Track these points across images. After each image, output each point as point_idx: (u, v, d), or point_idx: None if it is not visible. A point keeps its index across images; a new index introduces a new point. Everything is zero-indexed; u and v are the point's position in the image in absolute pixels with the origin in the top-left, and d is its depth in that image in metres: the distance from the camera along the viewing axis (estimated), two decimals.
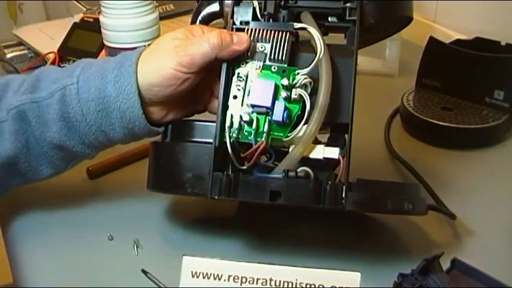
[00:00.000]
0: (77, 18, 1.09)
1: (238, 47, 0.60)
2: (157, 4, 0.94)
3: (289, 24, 0.62)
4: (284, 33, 0.61)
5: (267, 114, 0.59)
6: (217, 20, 0.71)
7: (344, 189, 0.56)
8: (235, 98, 0.60)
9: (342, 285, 0.50)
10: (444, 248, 0.60)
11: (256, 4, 0.63)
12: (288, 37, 0.61)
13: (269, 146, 0.59)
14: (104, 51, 0.94)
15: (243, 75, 0.61)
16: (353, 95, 0.59)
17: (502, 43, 0.92)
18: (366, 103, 0.66)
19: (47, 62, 1.04)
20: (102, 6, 0.89)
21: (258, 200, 0.57)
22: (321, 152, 0.59)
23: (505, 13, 1.04)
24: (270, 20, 0.63)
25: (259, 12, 0.63)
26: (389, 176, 0.79)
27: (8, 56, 1.13)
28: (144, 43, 0.89)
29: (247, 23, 0.63)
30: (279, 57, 0.61)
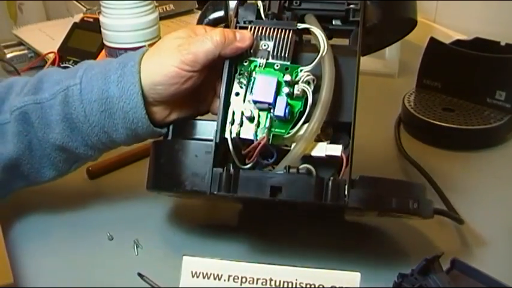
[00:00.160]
0: (77, 18, 1.09)
1: (241, 44, 0.60)
2: (157, 4, 0.94)
3: (292, 22, 0.62)
4: (287, 31, 0.61)
5: (269, 110, 0.59)
6: None
7: (347, 185, 0.55)
8: (237, 95, 0.60)
9: (341, 285, 0.50)
10: (444, 248, 0.59)
11: (260, 5, 0.63)
12: (291, 35, 0.61)
13: (270, 142, 0.58)
14: (104, 51, 0.94)
15: (246, 73, 0.61)
16: (356, 93, 0.59)
17: (502, 43, 0.92)
18: (366, 103, 0.65)
19: (47, 62, 1.04)
20: (102, 6, 0.89)
21: (258, 196, 0.56)
22: (323, 150, 0.58)
23: (505, 13, 1.04)
24: (273, 19, 0.63)
25: (263, 12, 0.63)
26: (394, 176, 0.78)
27: (8, 56, 1.13)
28: (144, 43, 0.89)
29: (250, 21, 0.63)
30: (282, 55, 0.60)
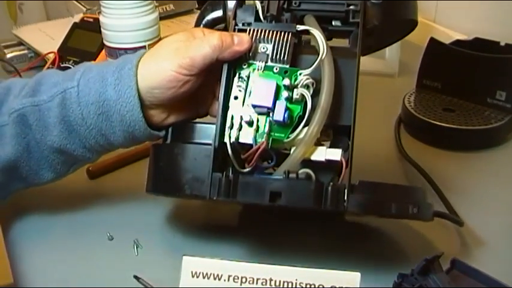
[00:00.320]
0: (77, 18, 1.09)
1: (239, 48, 0.60)
2: (157, 4, 0.94)
3: (291, 25, 0.61)
4: (286, 33, 0.60)
5: (268, 114, 0.58)
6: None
7: (346, 190, 0.55)
8: (236, 98, 0.60)
9: (341, 285, 0.50)
10: (444, 249, 0.59)
11: (259, 6, 0.63)
12: (290, 38, 0.60)
13: (270, 147, 0.58)
14: (104, 51, 0.94)
15: (245, 76, 0.60)
16: (355, 96, 0.58)
17: (502, 43, 0.92)
18: (366, 103, 0.65)
19: (47, 62, 1.04)
20: (102, 6, 0.89)
21: (258, 201, 0.56)
22: (322, 154, 0.57)
23: (505, 13, 1.04)
24: (272, 22, 0.62)
25: (262, 14, 0.63)
26: (395, 178, 0.79)
27: (8, 56, 1.13)
28: (144, 43, 0.89)
29: (249, 24, 0.62)
30: (281, 58, 0.60)
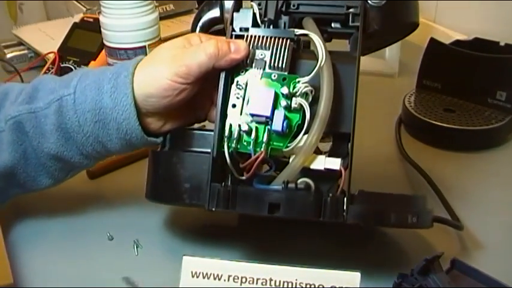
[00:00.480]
0: (77, 18, 1.09)
1: (236, 56, 0.59)
2: (157, 4, 0.94)
3: (290, 30, 0.60)
4: (284, 40, 0.59)
5: (267, 123, 0.57)
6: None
7: (345, 201, 0.55)
8: (234, 106, 0.59)
9: (341, 285, 0.50)
10: (444, 249, 0.59)
11: (256, 10, 0.61)
12: (289, 44, 0.59)
13: (269, 156, 0.57)
14: (104, 51, 0.93)
15: (242, 84, 0.59)
16: (355, 103, 0.57)
17: (502, 43, 0.92)
18: (366, 103, 0.65)
19: (47, 62, 1.04)
20: (102, 6, 0.89)
21: (257, 213, 0.55)
22: (322, 163, 0.57)
23: (505, 13, 1.04)
24: (270, 26, 0.61)
25: (260, 18, 0.61)
26: (395, 178, 0.79)
27: (8, 56, 1.13)
28: (144, 43, 0.89)
29: (246, 29, 0.61)
30: (279, 65, 0.59)
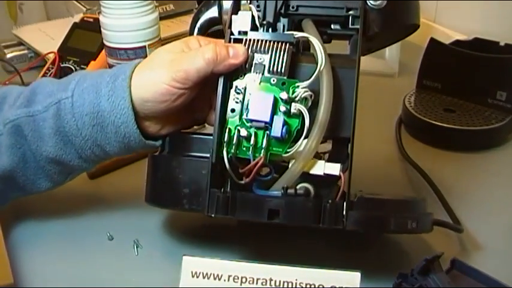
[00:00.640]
0: (77, 18, 1.09)
1: (235, 61, 0.58)
2: (157, 4, 0.94)
3: (289, 34, 0.59)
4: (284, 44, 0.59)
5: (266, 129, 0.57)
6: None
7: (345, 207, 0.55)
8: (233, 111, 0.58)
9: (341, 285, 0.50)
10: (444, 249, 0.59)
11: (255, 12, 0.61)
12: (288, 48, 0.58)
13: (268, 161, 0.57)
14: (104, 51, 0.93)
15: (241, 88, 0.58)
16: (355, 108, 0.57)
17: (501, 43, 0.92)
18: (366, 103, 0.65)
19: (47, 62, 1.04)
20: (102, 6, 0.89)
21: (256, 219, 0.55)
22: (321, 168, 0.56)
23: (505, 13, 1.04)
24: (269, 30, 0.61)
25: (258, 21, 0.61)
26: (395, 178, 0.79)
27: (8, 56, 1.13)
28: (144, 43, 0.89)
29: (245, 33, 0.60)
30: (278, 69, 0.58)
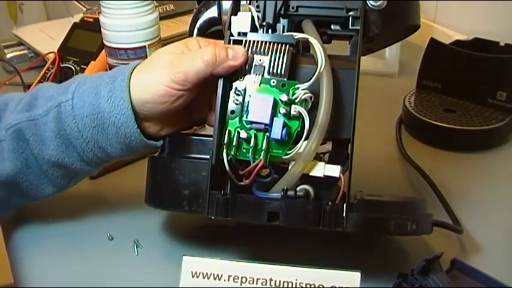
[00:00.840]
0: (77, 18, 1.08)
1: (234, 62, 0.58)
2: (157, 4, 0.94)
3: (289, 35, 0.59)
4: (283, 45, 0.58)
5: (266, 130, 0.57)
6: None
7: (345, 210, 0.55)
8: (232, 113, 0.58)
9: (341, 285, 0.50)
10: (445, 248, 0.59)
11: (254, 13, 0.60)
12: (288, 49, 0.58)
13: (268, 163, 0.57)
14: (104, 51, 0.93)
15: (241, 90, 0.58)
16: (355, 109, 0.57)
17: (501, 43, 0.92)
18: (366, 103, 0.65)
19: (47, 62, 1.04)
20: (102, 6, 0.89)
21: (256, 221, 0.55)
22: (321, 170, 0.56)
23: (505, 13, 1.05)
24: (269, 31, 0.60)
25: (258, 21, 0.60)
26: (395, 179, 0.79)
27: (8, 56, 1.13)
28: (144, 43, 0.89)
29: (245, 33, 0.60)
30: (278, 71, 0.58)
